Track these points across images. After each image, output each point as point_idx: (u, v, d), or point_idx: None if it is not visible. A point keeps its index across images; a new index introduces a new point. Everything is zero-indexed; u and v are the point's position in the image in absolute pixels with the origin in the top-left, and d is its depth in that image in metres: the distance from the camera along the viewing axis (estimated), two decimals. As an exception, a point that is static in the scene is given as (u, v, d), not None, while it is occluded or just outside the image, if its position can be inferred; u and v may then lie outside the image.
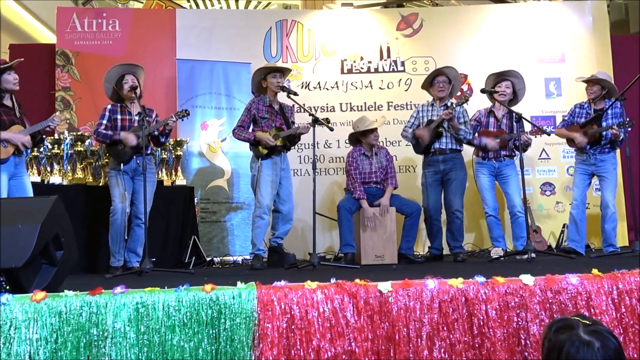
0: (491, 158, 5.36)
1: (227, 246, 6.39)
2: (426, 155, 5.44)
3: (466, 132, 5.30)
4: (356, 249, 5.17)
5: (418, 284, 2.68)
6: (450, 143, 5.36)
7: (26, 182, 4.55)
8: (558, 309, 2.61)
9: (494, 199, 5.37)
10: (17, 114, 4.56)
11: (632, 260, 3.62)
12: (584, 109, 5.43)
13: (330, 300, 2.59)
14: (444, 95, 5.44)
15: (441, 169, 5.34)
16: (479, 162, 5.44)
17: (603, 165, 5.27)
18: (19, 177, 4.50)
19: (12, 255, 2.82)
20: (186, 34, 7.04)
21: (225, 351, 2.45)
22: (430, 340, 2.53)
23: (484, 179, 5.38)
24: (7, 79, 4.49)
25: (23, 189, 4.50)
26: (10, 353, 2.40)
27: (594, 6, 7.36)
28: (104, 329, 2.46)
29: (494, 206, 5.35)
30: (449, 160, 5.34)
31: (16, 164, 4.49)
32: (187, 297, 2.56)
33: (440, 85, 5.43)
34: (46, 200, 3.14)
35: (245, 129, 5.23)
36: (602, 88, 5.32)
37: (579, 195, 5.34)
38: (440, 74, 5.49)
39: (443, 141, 5.33)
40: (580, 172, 5.37)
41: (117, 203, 4.82)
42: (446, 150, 5.34)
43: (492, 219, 5.35)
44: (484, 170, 5.39)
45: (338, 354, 2.45)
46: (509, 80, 5.41)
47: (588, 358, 1.70)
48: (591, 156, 5.29)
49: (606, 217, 5.24)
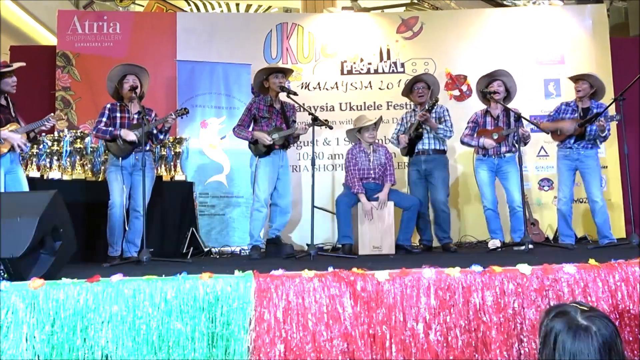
0: (491, 155, 5.40)
1: (226, 237, 6.40)
2: (411, 156, 5.62)
3: (445, 131, 5.44)
4: (354, 240, 5.19)
5: (415, 273, 2.69)
6: (433, 144, 5.51)
7: (21, 176, 4.63)
8: (555, 295, 2.61)
9: (493, 193, 5.41)
10: (12, 112, 4.65)
11: (629, 252, 3.62)
12: (569, 107, 5.45)
13: (327, 288, 2.60)
14: (424, 100, 5.57)
15: (423, 168, 5.51)
16: (479, 159, 5.50)
17: (586, 160, 5.30)
18: (14, 172, 4.58)
19: (11, 246, 2.84)
20: (187, 37, 7.08)
21: (222, 335, 2.46)
22: (426, 324, 2.54)
23: (484, 174, 5.44)
24: (7, 82, 4.60)
25: (19, 183, 4.57)
26: (7, 338, 2.41)
27: (594, 9, 7.40)
28: (101, 313, 2.47)
29: (492, 200, 5.40)
30: (430, 161, 5.49)
31: (11, 159, 4.57)
32: (184, 285, 2.57)
33: (419, 91, 5.61)
34: (45, 194, 3.20)
35: (244, 128, 5.28)
36: (591, 86, 5.35)
37: (567, 191, 5.37)
38: (419, 80, 5.66)
39: (425, 142, 5.49)
40: (565, 168, 5.39)
41: (115, 197, 4.85)
42: (429, 150, 5.50)
43: (491, 212, 5.40)
44: (484, 166, 5.45)
45: (334, 337, 2.45)
46: (499, 79, 5.46)
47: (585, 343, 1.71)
48: (574, 150, 5.32)
49: (595, 211, 5.26)
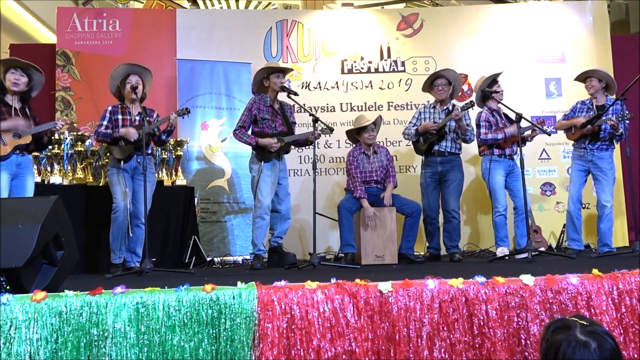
0: (507, 156, 5.36)
1: (228, 246, 6.39)
2: (426, 156, 5.52)
3: (471, 134, 5.45)
4: (356, 248, 5.17)
5: (418, 284, 2.69)
6: (450, 147, 5.47)
7: (28, 183, 4.59)
8: (558, 309, 2.61)
9: (504, 197, 5.38)
10: (19, 113, 4.61)
11: (632, 260, 3.62)
12: (585, 105, 5.39)
13: (331, 300, 2.59)
14: (444, 97, 5.53)
15: (439, 170, 5.45)
16: (496, 160, 5.38)
17: (600, 163, 5.22)
18: (22, 178, 4.55)
19: (12, 255, 2.82)
20: (186, 34, 7.04)
21: (226, 351, 2.45)
22: (430, 340, 2.53)
23: (499, 178, 5.36)
24: (9, 78, 4.57)
25: (23, 189, 4.54)
26: (10, 353, 2.41)
27: (595, 6, 7.36)
28: (104, 329, 2.46)
29: (505, 206, 5.36)
30: (446, 163, 5.44)
31: (18, 163, 4.53)
32: (187, 297, 2.56)
33: (439, 87, 5.53)
34: (46, 200, 3.15)
35: (246, 130, 5.24)
36: (600, 81, 5.31)
37: (576, 193, 5.31)
38: (439, 76, 5.57)
39: (443, 144, 5.44)
40: (577, 169, 5.32)
41: (119, 200, 4.81)
42: (445, 152, 5.45)
43: (502, 218, 5.33)
44: (500, 168, 5.37)
45: (338, 354, 2.45)
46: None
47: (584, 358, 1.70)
48: (589, 151, 5.26)
49: (603, 217, 5.20)
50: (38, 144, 4.73)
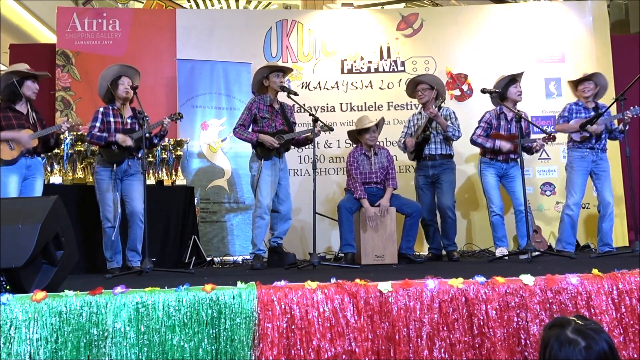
0: (500, 160, 5.35)
1: (227, 246, 6.39)
2: (418, 160, 5.63)
3: (454, 130, 5.44)
4: (356, 248, 5.17)
5: (418, 284, 2.69)
6: (441, 148, 5.51)
7: (37, 184, 4.67)
8: (558, 309, 2.61)
9: (500, 198, 5.38)
10: (30, 119, 4.69)
11: (632, 260, 3.62)
12: (579, 106, 5.40)
13: (331, 300, 2.59)
14: (425, 101, 5.57)
15: (430, 173, 5.54)
16: (487, 162, 5.40)
17: (602, 163, 5.27)
18: (31, 179, 4.64)
19: (12, 255, 2.82)
20: (186, 34, 7.04)
21: (226, 351, 2.45)
22: (430, 340, 2.54)
23: (491, 179, 5.37)
24: (30, 87, 4.70)
25: (32, 190, 4.62)
26: (10, 353, 2.41)
27: (594, 6, 7.36)
28: (104, 328, 2.46)
29: (500, 205, 5.35)
30: (437, 166, 5.51)
31: (28, 165, 4.62)
32: (187, 297, 2.57)
33: (419, 92, 5.62)
34: (46, 200, 3.16)
35: (246, 128, 5.24)
36: (596, 85, 5.33)
37: (580, 195, 5.30)
38: (419, 82, 5.63)
39: (432, 147, 5.49)
40: (582, 172, 5.29)
41: (107, 213, 4.77)
42: (435, 156, 5.51)
43: (498, 218, 5.33)
44: (491, 170, 5.38)
45: (338, 354, 2.45)
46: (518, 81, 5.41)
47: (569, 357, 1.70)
48: (594, 151, 5.26)
49: (605, 216, 5.23)
50: (45, 147, 4.81)
